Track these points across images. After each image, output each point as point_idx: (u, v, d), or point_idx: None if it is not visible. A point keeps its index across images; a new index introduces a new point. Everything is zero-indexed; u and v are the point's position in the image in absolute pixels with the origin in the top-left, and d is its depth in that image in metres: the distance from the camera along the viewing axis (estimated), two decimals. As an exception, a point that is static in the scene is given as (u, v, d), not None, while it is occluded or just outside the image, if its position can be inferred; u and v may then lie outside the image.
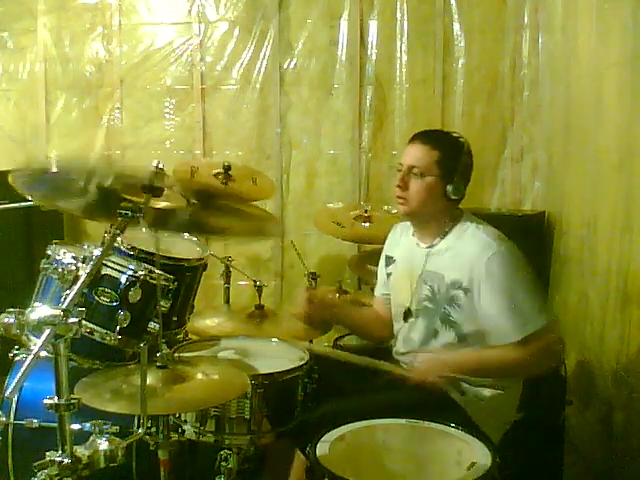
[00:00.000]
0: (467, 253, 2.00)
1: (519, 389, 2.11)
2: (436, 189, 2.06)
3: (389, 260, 2.31)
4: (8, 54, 4.28)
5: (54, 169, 1.69)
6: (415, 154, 2.08)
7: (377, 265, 2.42)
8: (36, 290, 2.31)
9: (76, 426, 1.46)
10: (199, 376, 1.88)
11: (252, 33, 4.08)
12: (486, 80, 3.95)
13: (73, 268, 2.15)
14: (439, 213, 2.11)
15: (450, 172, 2.05)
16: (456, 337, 2.02)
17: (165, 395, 1.76)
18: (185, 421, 2.03)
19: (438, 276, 2.06)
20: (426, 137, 2.11)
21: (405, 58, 3.98)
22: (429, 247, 2.12)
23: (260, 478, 2.23)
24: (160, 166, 1.60)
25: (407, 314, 2.16)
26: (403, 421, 1.77)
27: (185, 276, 2.41)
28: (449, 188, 2.05)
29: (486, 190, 3.99)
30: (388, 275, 2.31)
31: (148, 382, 1.66)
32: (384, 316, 2.35)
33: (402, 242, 2.26)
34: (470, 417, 1.98)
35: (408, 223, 2.24)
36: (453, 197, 2.07)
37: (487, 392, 2.03)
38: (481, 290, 1.96)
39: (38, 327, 1.32)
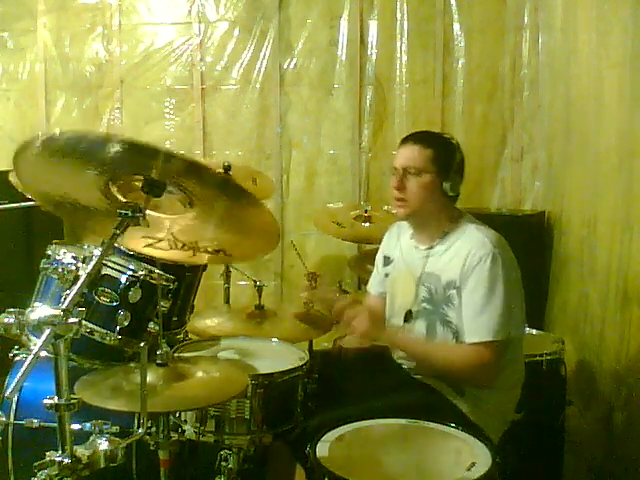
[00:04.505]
0: (463, 252, 2.01)
1: (518, 390, 2.12)
2: (434, 186, 2.06)
3: (387, 260, 2.31)
4: (8, 54, 4.28)
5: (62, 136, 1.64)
6: (409, 155, 2.08)
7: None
8: (36, 290, 2.31)
9: (76, 426, 1.46)
10: (199, 374, 1.88)
11: (252, 33, 4.08)
12: (486, 80, 3.95)
13: (73, 268, 2.15)
14: (438, 213, 2.10)
15: (446, 169, 2.06)
16: (454, 337, 2.03)
17: (165, 393, 1.76)
18: (185, 421, 2.03)
19: (435, 277, 2.07)
20: (417, 137, 2.12)
21: (405, 58, 3.99)
22: (428, 249, 2.12)
23: (260, 478, 2.23)
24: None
25: (408, 316, 2.16)
26: (403, 421, 1.77)
27: (185, 276, 2.41)
28: (446, 185, 2.06)
29: (486, 190, 4.00)
30: (386, 275, 2.30)
31: (148, 380, 1.66)
32: (378, 313, 2.35)
33: (401, 244, 2.26)
34: (469, 418, 1.98)
35: (406, 224, 2.24)
36: (450, 194, 2.07)
37: (486, 393, 2.03)
38: (465, 284, 1.97)
39: (38, 327, 1.32)
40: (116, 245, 2.13)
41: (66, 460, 1.37)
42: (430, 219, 2.12)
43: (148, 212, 1.64)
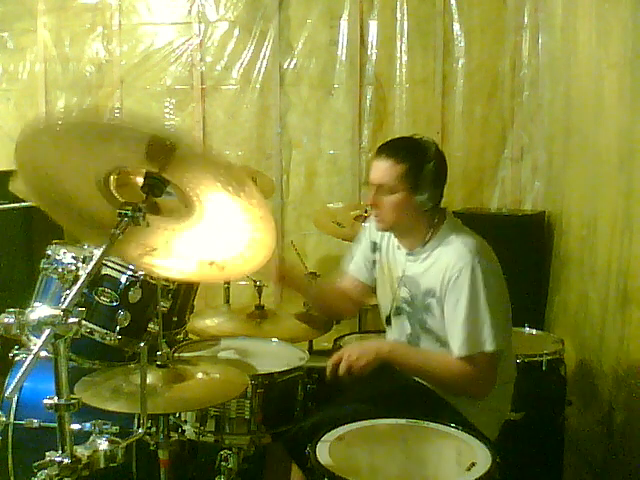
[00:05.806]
0: (442, 262, 1.98)
1: (511, 386, 2.11)
2: (406, 203, 2.01)
3: (375, 246, 2.25)
4: (8, 54, 4.28)
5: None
6: (380, 171, 2.03)
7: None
8: (36, 290, 2.31)
9: (76, 426, 1.46)
10: (199, 375, 1.88)
11: (252, 33, 4.08)
12: (486, 80, 3.95)
13: (73, 268, 2.15)
14: (417, 223, 2.06)
15: (419, 183, 1.99)
16: (437, 343, 2.02)
17: (165, 394, 1.76)
18: (185, 421, 2.03)
19: (415, 283, 2.06)
20: (390, 150, 2.05)
21: (405, 58, 3.99)
22: (409, 254, 2.10)
23: (260, 478, 2.23)
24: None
25: (391, 314, 2.15)
26: (403, 421, 1.77)
27: (185, 276, 2.41)
28: (421, 198, 2.00)
29: (486, 190, 4.00)
30: (374, 262, 2.26)
31: (148, 381, 1.66)
32: (350, 293, 2.31)
33: (384, 238, 2.22)
34: (465, 417, 1.97)
35: None
36: (428, 205, 2.02)
37: None
38: (446, 298, 1.96)
39: (38, 327, 1.32)
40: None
41: (66, 460, 1.37)
42: (409, 229, 2.08)
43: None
